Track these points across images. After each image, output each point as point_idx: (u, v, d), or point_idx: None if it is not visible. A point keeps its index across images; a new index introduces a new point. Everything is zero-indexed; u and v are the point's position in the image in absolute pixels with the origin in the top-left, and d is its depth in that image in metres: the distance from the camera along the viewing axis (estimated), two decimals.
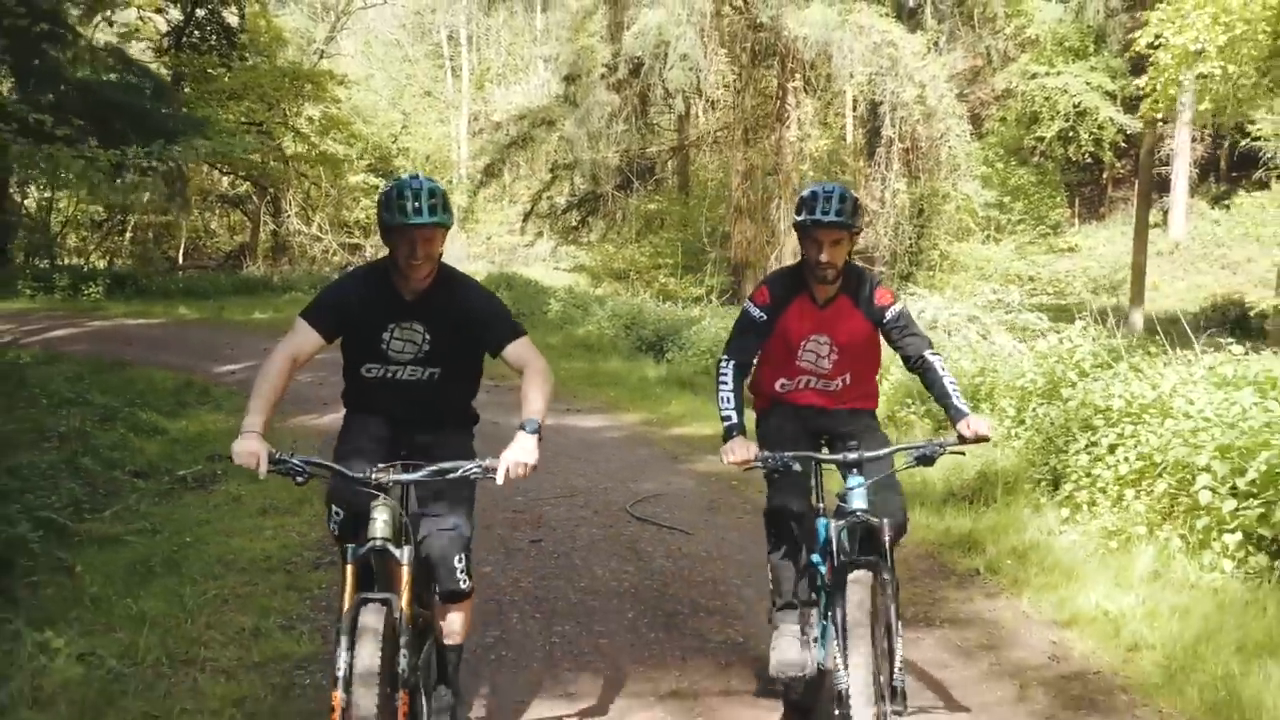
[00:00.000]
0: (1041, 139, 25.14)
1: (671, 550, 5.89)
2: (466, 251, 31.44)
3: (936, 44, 21.57)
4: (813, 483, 3.80)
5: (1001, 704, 3.98)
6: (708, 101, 19.76)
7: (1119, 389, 6.34)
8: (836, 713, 3.30)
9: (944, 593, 5.22)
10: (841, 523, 3.54)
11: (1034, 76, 24.61)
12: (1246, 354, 6.38)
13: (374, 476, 3.29)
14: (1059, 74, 24.43)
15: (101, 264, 25.66)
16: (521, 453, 3.24)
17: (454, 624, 3.68)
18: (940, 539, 6.01)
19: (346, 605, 3.17)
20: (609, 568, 5.55)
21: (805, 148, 19.07)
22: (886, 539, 3.50)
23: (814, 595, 3.84)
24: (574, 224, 24.39)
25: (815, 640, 3.80)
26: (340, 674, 3.02)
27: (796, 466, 3.59)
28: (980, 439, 3.62)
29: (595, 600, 5.04)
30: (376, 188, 29.39)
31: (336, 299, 3.60)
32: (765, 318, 3.88)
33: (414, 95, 36.74)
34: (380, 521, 3.26)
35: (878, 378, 4.35)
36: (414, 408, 3.67)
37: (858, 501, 3.53)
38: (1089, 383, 6.82)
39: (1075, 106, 24.21)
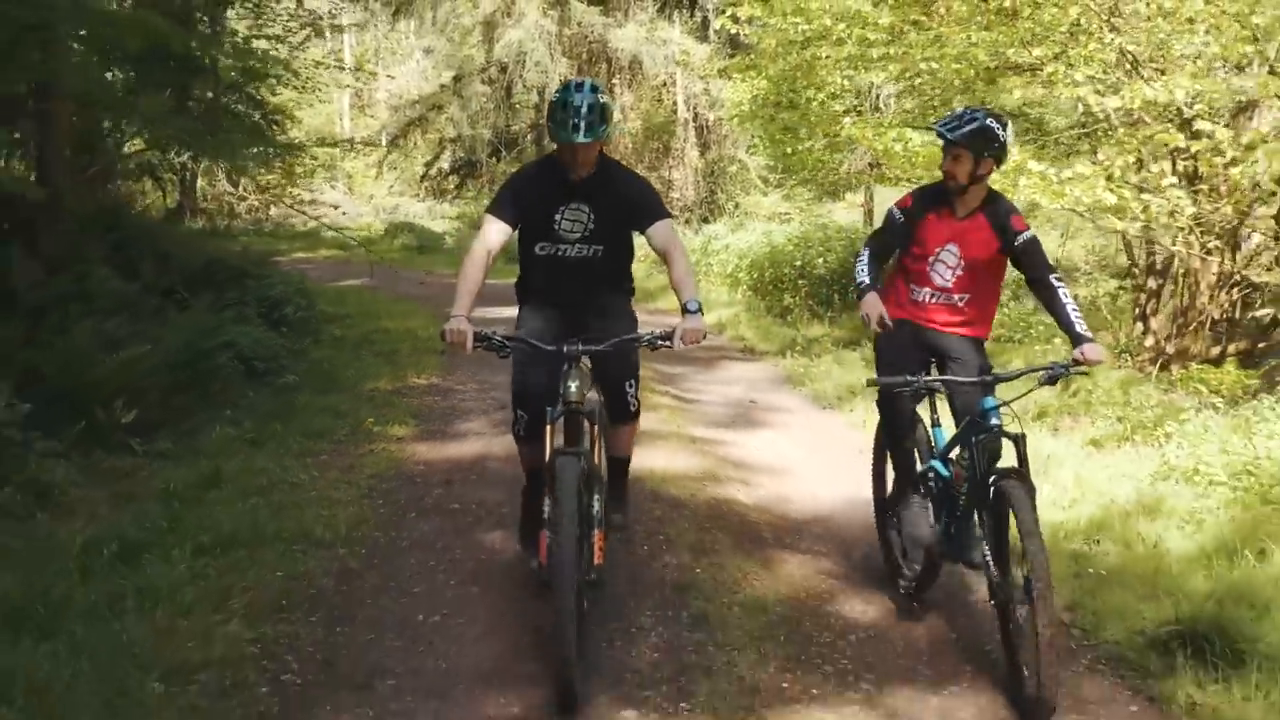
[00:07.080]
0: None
1: None
2: (356, 210, 36.79)
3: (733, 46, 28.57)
4: (925, 398, 4.14)
5: None
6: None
7: None
8: (991, 602, 3.70)
9: None
10: (984, 437, 3.77)
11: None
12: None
13: (566, 349, 3.69)
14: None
15: None
16: (693, 323, 3.67)
17: (623, 438, 4.19)
18: None
19: (548, 458, 3.57)
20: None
21: (625, 125, 26.10)
22: (1027, 450, 3.67)
23: (927, 498, 4.16)
24: (455, 185, 31.10)
25: (938, 532, 4.06)
26: (546, 515, 3.44)
27: (928, 386, 3.88)
28: (1097, 362, 3.73)
29: None
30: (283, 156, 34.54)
31: (514, 190, 3.95)
32: (903, 219, 4.09)
33: (306, 75, 41.60)
34: (573, 387, 3.69)
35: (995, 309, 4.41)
36: (581, 287, 4.00)
37: (997, 419, 3.75)
38: None
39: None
